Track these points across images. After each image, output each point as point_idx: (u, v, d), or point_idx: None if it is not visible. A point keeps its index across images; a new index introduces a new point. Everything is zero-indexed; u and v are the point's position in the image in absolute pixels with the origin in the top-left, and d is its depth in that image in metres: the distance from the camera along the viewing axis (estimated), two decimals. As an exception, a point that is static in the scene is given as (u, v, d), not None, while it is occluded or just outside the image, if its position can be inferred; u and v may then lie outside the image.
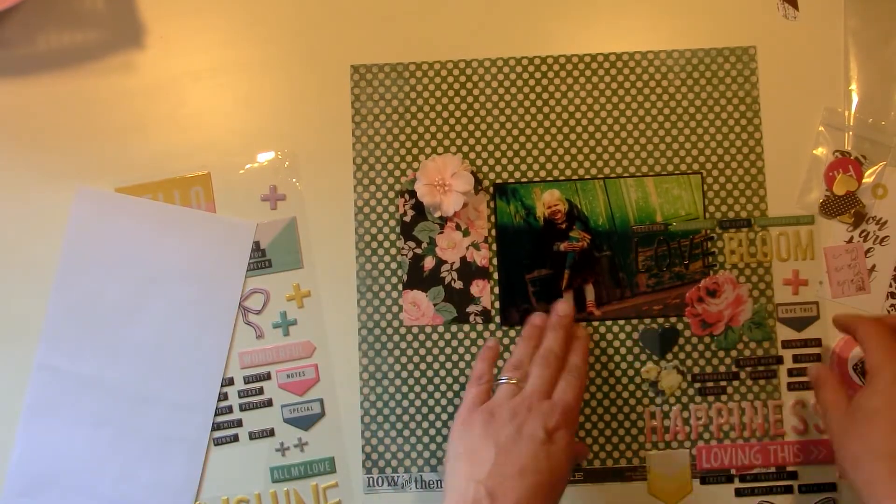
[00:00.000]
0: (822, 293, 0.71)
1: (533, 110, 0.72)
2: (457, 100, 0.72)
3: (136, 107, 0.72)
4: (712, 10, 0.73)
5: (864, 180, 0.72)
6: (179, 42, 0.73)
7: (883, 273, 0.71)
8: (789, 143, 0.72)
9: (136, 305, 0.70)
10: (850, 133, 0.72)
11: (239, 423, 0.70)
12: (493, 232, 0.71)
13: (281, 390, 0.71)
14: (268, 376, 0.71)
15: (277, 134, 0.72)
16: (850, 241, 0.72)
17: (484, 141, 0.72)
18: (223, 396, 0.70)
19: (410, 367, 0.71)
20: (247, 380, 0.70)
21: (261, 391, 0.71)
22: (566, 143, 0.72)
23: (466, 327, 0.71)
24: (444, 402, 0.71)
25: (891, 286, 0.71)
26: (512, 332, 0.71)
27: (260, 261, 0.71)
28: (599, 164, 0.72)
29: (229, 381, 0.70)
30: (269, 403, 0.70)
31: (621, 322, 0.71)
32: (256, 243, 0.71)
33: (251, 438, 0.70)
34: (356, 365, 0.71)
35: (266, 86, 0.73)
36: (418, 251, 0.71)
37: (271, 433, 0.71)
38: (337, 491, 0.70)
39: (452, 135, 0.72)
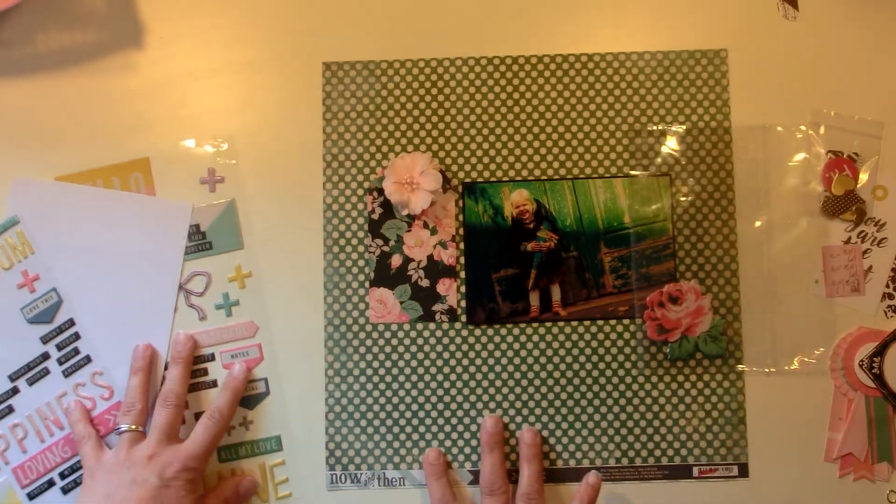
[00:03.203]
0: (816, 292, 0.70)
1: (503, 110, 0.72)
2: (427, 98, 0.73)
3: (136, 107, 0.73)
4: (708, 9, 0.73)
5: (860, 177, 0.71)
6: (176, 42, 0.73)
7: (879, 275, 0.70)
8: (787, 144, 0.71)
9: (78, 291, 0.70)
10: (842, 132, 0.71)
11: (185, 405, 0.70)
12: (461, 231, 0.71)
13: (226, 371, 0.71)
14: (212, 357, 0.71)
15: (248, 131, 0.72)
16: (848, 241, 0.70)
17: (454, 140, 0.72)
18: (168, 378, 0.70)
19: (376, 364, 0.71)
20: (191, 361, 0.71)
21: (206, 372, 0.71)
22: (535, 144, 0.72)
23: (432, 325, 0.71)
24: (408, 399, 0.70)
25: (888, 287, 0.70)
26: (477, 331, 0.71)
27: (201, 243, 0.71)
28: (568, 164, 0.72)
29: (174, 363, 0.70)
30: (214, 384, 0.71)
31: (587, 322, 0.70)
32: (196, 226, 0.71)
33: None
34: (321, 362, 0.71)
35: (237, 83, 0.73)
36: (386, 249, 0.72)
37: (217, 413, 0.70)
38: (284, 469, 0.70)
39: (423, 133, 0.72)
